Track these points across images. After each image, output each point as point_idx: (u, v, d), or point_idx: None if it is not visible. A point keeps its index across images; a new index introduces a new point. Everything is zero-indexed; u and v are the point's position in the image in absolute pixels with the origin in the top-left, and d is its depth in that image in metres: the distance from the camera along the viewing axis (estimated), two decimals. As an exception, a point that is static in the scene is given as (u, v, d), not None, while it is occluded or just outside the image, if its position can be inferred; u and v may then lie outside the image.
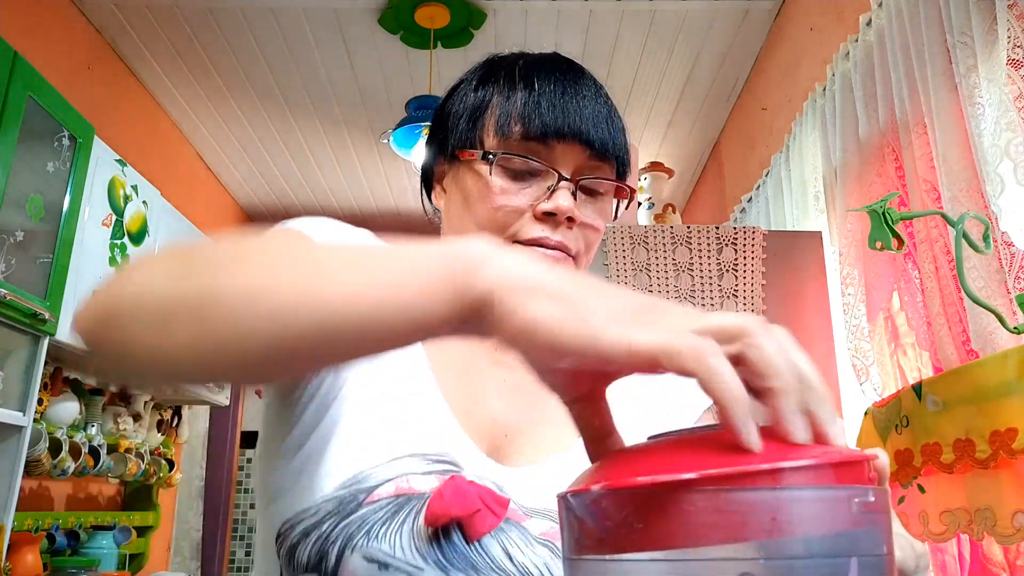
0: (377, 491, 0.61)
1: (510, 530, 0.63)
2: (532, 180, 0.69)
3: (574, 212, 0.68)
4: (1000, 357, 1.17)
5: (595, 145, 0.69)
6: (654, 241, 1.82)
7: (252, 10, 2.81)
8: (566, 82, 0.70)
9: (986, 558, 1.38)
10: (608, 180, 0.71)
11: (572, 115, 0.68)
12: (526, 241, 0.68)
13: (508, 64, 0.74)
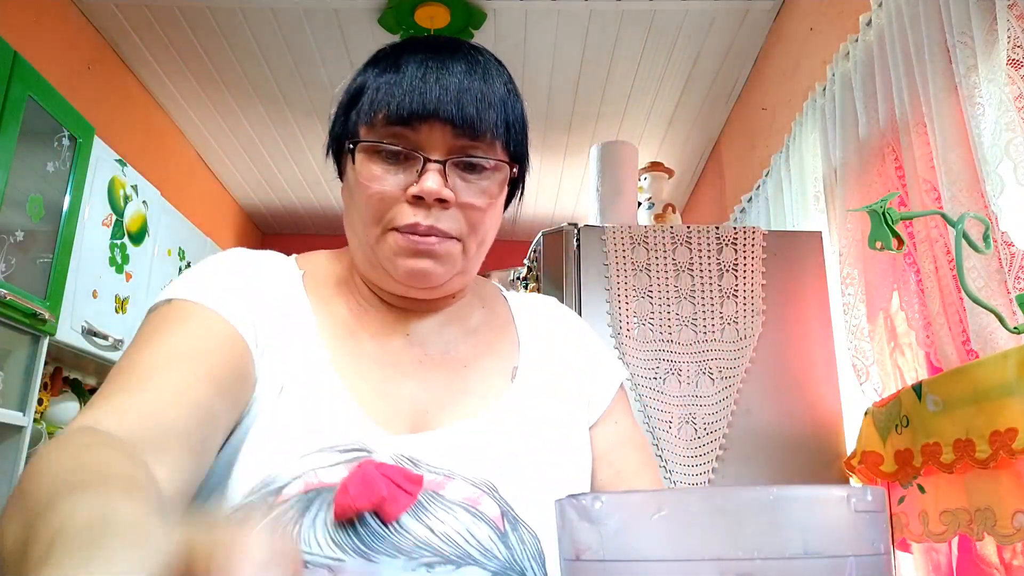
0: (285, 491, 0.60)
1: (428, 502, 0.62)
2: (402, 165, 0.67)
3: (443, 193, 0.66)
4: (1000, 357, 1.17)
5: (460, 123, 0.66)
6: (654, 241, 1.82)
7: (252, 10, 2.81)
8: (433, 62, 0.68)
9: (980, 558, 1.38)
10: (482, 158, 0.69)
11: (433, 95, 0.66)
12: (401, 228, 0.67)
13: (385, 50, 0.72)
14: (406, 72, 0.67)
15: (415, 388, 0.71)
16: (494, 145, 0.69)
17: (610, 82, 3.25)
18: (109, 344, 2.38)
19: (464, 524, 0.62)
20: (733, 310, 1.78)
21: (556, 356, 0.78)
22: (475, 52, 0.72)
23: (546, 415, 0.72)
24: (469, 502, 0.63)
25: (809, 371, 1.78)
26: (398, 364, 0.72)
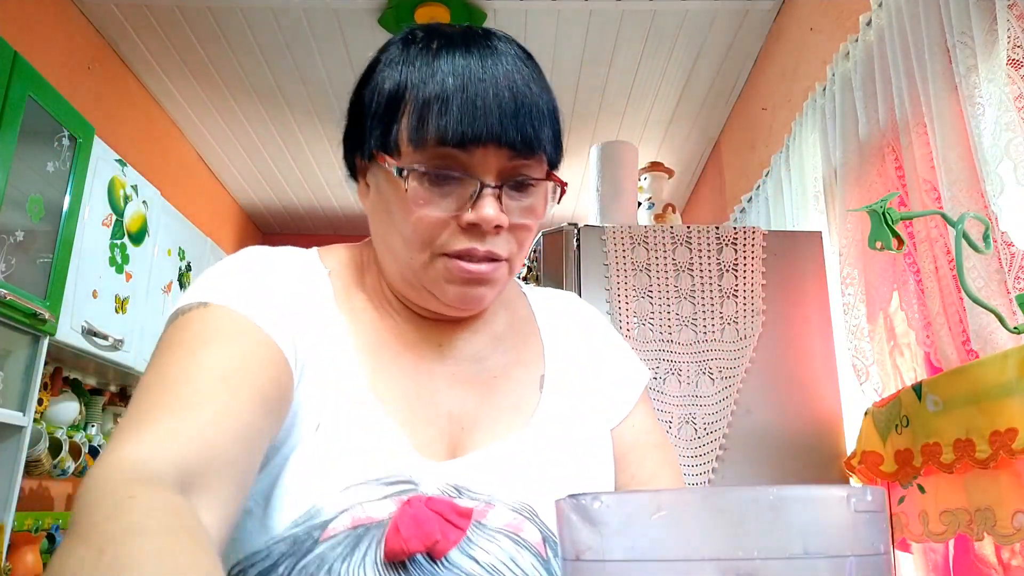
0: (332, 525, 0.58)
1: (473, 533, 0.61)
2: (453, 186, 0.63)
3: (501, 219, 0.63)
4: (1000, 357, 1.17)
5: (517, 145, 0.63)
6: (654, 241, 1.82)
7: (252, 10, 2.81)
8: (478, 70, 0.63)
9: (978, 558, 1.38)
10: (532, 178, 0.66)
11: (489, 117, 0.61)
12: (453, 254, 0.64)
13: (418, 44, 0.66)
14: (454, 85, 0.62)
15: (451, 406, 0.69)
16: (541, 161, 0.67)
17: (610, 82, 3.25)
18: (109, 344, 2.38)
19: (508, 553, 0.61)
20: (733, 310, 1.79)
21: (580, 358, 0.77)
22: (512, 49, 0.67)
23: (575, 426, 0.72)
24: (511, 529, 0.62)
25: (809, 371, 1.78)
26: (432, 379, 0.69)
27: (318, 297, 0.68)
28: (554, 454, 0.68)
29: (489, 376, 0.72)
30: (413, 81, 0.63)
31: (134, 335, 2.55)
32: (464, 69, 0.63)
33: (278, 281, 0.66)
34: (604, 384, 0.77)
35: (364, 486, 0.60)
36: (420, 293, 0.68)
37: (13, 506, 1.95)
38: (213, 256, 3.28)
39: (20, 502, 2.01)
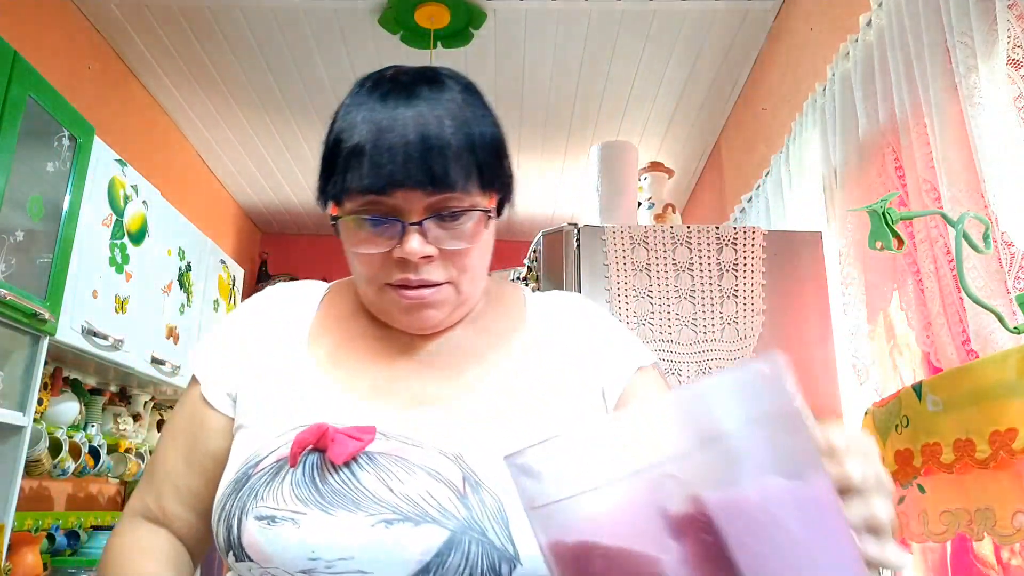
0: (262, 463, 0.68)
1: (390, 464, 0.66)
2: (385, 226, 0.71)
3: (425, 251, 0.70)
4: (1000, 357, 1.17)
5: (430, 185, 0.69)
6: (654, 241, 1.82)
7: (252, 10, 2.81)
8: (393, 121, 0.70)
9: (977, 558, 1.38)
10: (458, 209, 0.71)
11: (399, 166, 0.68)
12: (393, 285, 0.73)
13: (350, 106, 0.75)
14: (368, 136, 0.70)
15: (406, 383, 0.75)
16: (469, 190, 0.71)
17: (610, 82, 3.25)
18: (109, 344, 2.38)
19: (424, 485, 0.65)
20: (733, 310, 1.79)
21: (562, 346, 0.79)
22: (435, 91, 0.74)
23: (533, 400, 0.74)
24: (431, 466, 0.66)
25: (809, 371, 1.78)
26: (397, 364, 0.77)
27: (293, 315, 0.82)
28: (498, 415, 0.72)
29: (459, 358, 0.78)
30: (341, 136, 0.73)
31: (134, 335, 2.55)
32: (377, 120, 0.71)
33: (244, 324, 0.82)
34: (589, 370, 0.78)
35: (292, 431, 0.69)
36: (385, 316, 0.78)
37: (13, 506, 1.95)
38: (213, 256, 3.28)
39: (20, 502, 2.01)
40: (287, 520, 0.64)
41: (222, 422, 0.77)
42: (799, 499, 0.38)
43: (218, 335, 0.82)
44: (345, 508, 0.64)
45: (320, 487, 0.65)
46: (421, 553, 0.62)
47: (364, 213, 0.71)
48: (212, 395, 0.78)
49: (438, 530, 0.63)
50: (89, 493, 2.91)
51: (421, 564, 0.62)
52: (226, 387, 0.78)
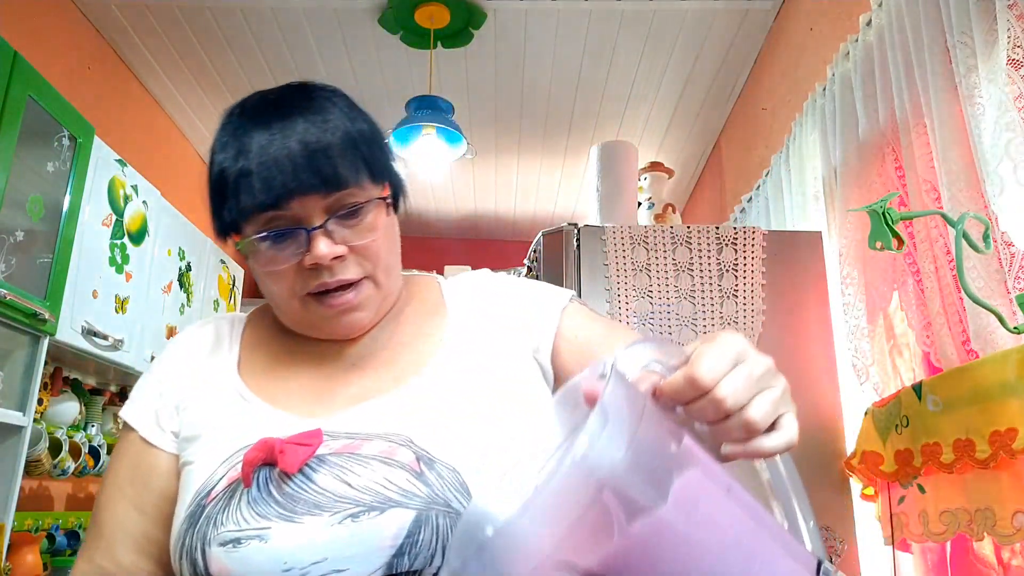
0: (214, 490, 0.68)
1: (344, 462, 0.66)
2: (289, 240, 0.72)
3: (335, 252, 0.71)
4: (1000, 357, 1.17)
5: (322, 187, 0.70)
6: (654, 241, 1.82)
7: (252, 10, 2.81)
8: (274, 136, 0.71)
9: (977, 558, 1.38)
10: (355, 205, 0.72)
11: (288, 175, 0.70)
12: (312, 293, 0.73)
13: (228, 128, 0.76)
14: (255, 158, 0.71)
15: (342, 387, 0.76)
16: (362, 184, 0.73)
17: (610, 82, 3.25)
18: (109, 344, 2.38)
19: (380, 473, 0.65)
20: (733, 310, 1.79)
21: (487, 316, 0.81)
22: (307, 99, 0.75)
23: (471, 373, 0.75)
24: (383, 455, 0.67)
25: (809, 371, 1.78)
26: (330, 374, 0.77)
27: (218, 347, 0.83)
28: (441, 397, 0.73)
29: (388, 357, 0.78)
30: (224, 165, 0.73)
31: (134, 335, 2.55)
32: (256, 139, 0.72)
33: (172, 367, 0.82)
34: (520, 328, 0.79)
35: (237, 453, 0.70)
36: (313, 331, 0.79)
37: (13, 506, 1.95)
38: (213, 256, 3.28)
39: (20, 502, 2.01)
40: (253, 538, 0.64)
41: (170, 461, 0.77)
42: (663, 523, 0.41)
43: (148, 382, 0.83)
44: (309, 512, 0.64)
45: (279, 498, 0.65)
46: (392, 537, 0.62)
47: (266, 230, 0.72)
48: (155, 437, 0.78)
49: (404, 512, 0.63)
50: (89, 493, 2.91)
51: (394, 548, 0.62)
52: (167, 426, 0.79)
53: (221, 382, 0.79)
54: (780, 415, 0.50)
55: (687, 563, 0.41)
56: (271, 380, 0.78)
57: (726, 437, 0.49)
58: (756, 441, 0.49)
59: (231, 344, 0.83)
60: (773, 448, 0.49)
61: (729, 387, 0.48)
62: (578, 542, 0.40)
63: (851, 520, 1.71)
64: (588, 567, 0.40)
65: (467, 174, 4.10)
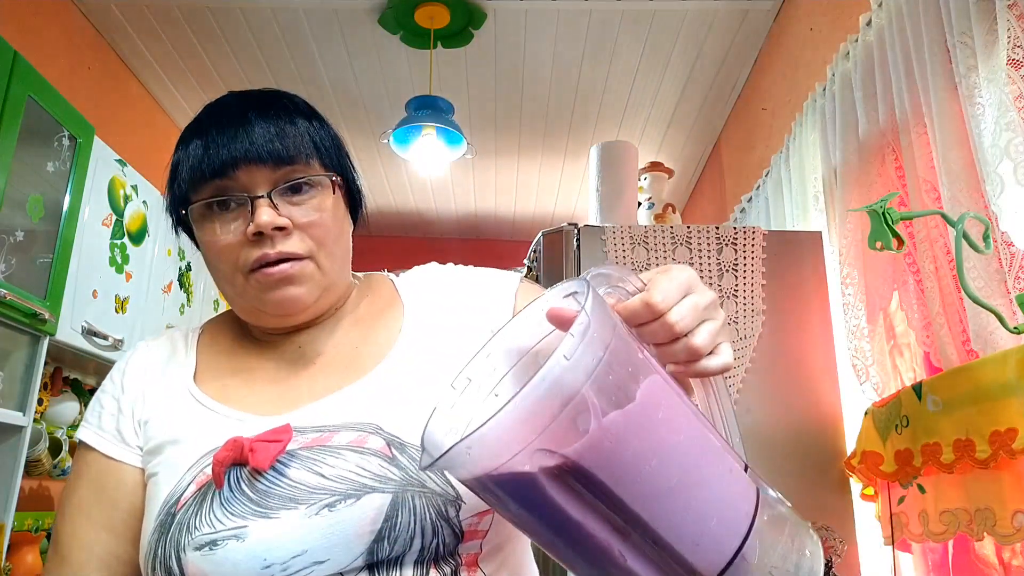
0: (183, 497, 0.68)
1: (315, 455, 0.67)
2: (235, 212, 0.73)
3: (277, 221, 0.71)
4: (1000, 357, 1.17)
5: (268, 157, 0.72)
6: (654, 241, 1.82)
7: (252, 10, 2.81)
8: (229, 116, 0.74)
9: (978, 558, 1.38)
10: (302, 179, 0.74)
11: (237, 142, 0.72)
12: (253, 264, 0.72)
13: (191, 124, 0.77)
14: (209, 132, 0.73)
15: (303, 384, 0.76)
16: (311, 164, 0.75)
17: (610, 82, 3.25)
18: (109, 344, 2.38)
19: (353, 461, 0.66)
20: (733, 310, 1.79)
21: (442, 306, 0.81)
22: (268, 96, 0.78)
23: (433, 358, 0.75)
24: (355, 444, 0.67)
25: (809, 371, 1.78)
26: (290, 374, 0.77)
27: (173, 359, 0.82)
28: (403, 384, 0.73)
29: (348, 351, 0.79)
30: (180, 144, 0.76)
31: (134, 335, 2.54)
32: (218, 118, 0.74)
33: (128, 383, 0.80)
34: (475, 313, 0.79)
35: (203, 458, 0.70)
36: (255, 314, 0.78)
37: (13, 506, 1.95)
38: (213, 256, 3.28)
39: (20, 502, 2.01)
40: (229, 538, 0.63)
41: (136, 476, 0.76)
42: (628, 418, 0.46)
43: (104, 400, 0.81)
44: (284, 507, 0.64)
45: (252, 496, 0.65)
46: (371, 522, 0.63)
47: (213, 197, 0.73)
48: (119, 453, 0.77)
49: (380, 496, 0.64)
50: (89, 493, 2.91)
51: (373, 533, 0.63)
52: (132, 441, 0.77)
53: (179, 392, 0.78)
54: (718, 343, 0.55)
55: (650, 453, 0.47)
56: (229, 385, 0.77)
57: (671, 359, 0.54)
58: (699, 363, 0.54)
59: (187, 353, 0.82)
60: (712, 369, 0.54)
61: (679, 313, 0.52)
62: (557, 432, 0.44)
63: (851, 520, 1.71)
64: (564, 454, 0.44)
65: (467, 174, 4.10)
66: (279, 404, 0.74)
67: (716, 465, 0.51)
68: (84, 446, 0.79)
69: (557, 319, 0.53)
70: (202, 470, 0.69)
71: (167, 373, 0.80)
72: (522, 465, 0.44)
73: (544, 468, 0.44)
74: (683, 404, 0.51)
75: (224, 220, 0.73)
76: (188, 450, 0.72)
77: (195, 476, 0.69)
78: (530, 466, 0.44)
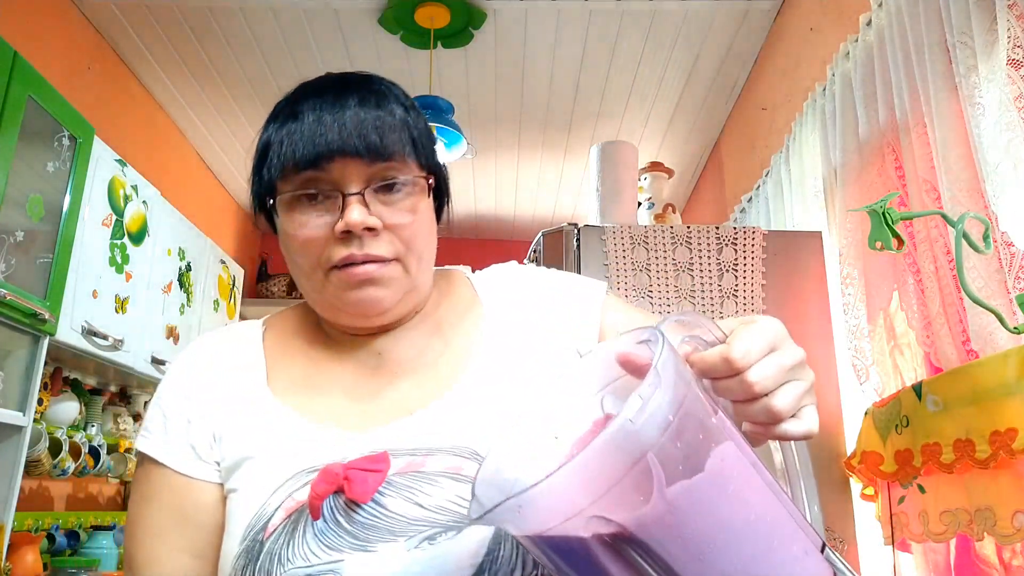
0: (270, 524, 0.64)
1: (411, 481, 0.63)
2: (325, 205, 0.69)
3: (368, 221, 0.67)
4: (1000, 357, 1.17)
5: (365, 152, 0.68)
6: (654, 241, 1.82)
7: (252, 10, 2.81)
8: (327, 102, 0.70)
9: (979, 558, 1.38)
10: (397, 179, 0.70)
11: (333, 132, 0.68)
12: (338, 263, 0.68)
13: (282, 103, 0.75)
14: (304, 119, 0.69)
15: (387, 396, 0.72)
16: (406, 163, 0.71)
17: (610, 82, 3.25)
18: (109, 344, 2.38)
19: (452, 491, 0.63)
20: (733, 310, 1.79)
21: (525, 310, 0.78)
22: (367, 82, 0.74)
23: (520, 371, 0.72)
24: (451, 470, 0.64)
25: (809, 371, 1.78)
26: (370, 382, 0.73)
27: (244, 362, 0.76)
28: (494, 401, 0.70)
29: (431, 360, 0.75)
30: (274, 127, 0.72)
31: (134, 335, 2.55)
32: (315, 103, 0.71)
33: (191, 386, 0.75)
34: (559, 322, 0.76)
35: (290, 481, 0.65)
36: (334, 313, 0.74)
37: (13, 506, 1.95)
38: (213, 256, 3.28)
39: (20, 502, 2.01)
40: (326, 573, 0.60)
41: (215, 493, 0.71)
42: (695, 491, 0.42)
43: (168, 408, 0.74)
44: (382, 540, 0.61)
45: (349, 528, 0.62)
46: (471, 556, 0.60)
47: (303, 190, 0.69)
48: (197, 470, 0.71)
49: (482, 528, 0.61)
50: (89, 493, 2.91)
51: (474, 567, 0.60)
52: (208, 457, 0.71)
53: (253, 401, 0.72)
54: (803, 406, 0.51)
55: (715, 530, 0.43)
56: (306, 393, 0.72)
57: (748, 418, 0.50)
58: (778, 426, 0.50)
59: (254, 357, 0.76)
60: (793, 435, 0.50)
61: (760, 372, 0.48)
62: (615, 499, 0.40)
63: (851, 520, 1.71)
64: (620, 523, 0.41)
65: (467, 174, 4.10)
66: (363, 419, 0.70)
67: (788, 547, 0.47)
68: (151, 461, 0.72)
69: (629, 365, 0.50)
70: (290, 495, 0.64)
71: (236, 379, 0.74)
72: (576, 530, 0.41)
73: (599, 535, 0.41)
74: (757, 476, 0.47)
75: (310, 212, 0.69)
76: (270, 468, 0.67)
77: (283, 500, 0.65)
78: (584, 531, 0.41)
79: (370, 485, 0.62)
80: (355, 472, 0.62)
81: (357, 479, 0.62)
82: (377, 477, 0.62)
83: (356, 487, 0.61)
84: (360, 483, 0.61)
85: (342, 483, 0.61)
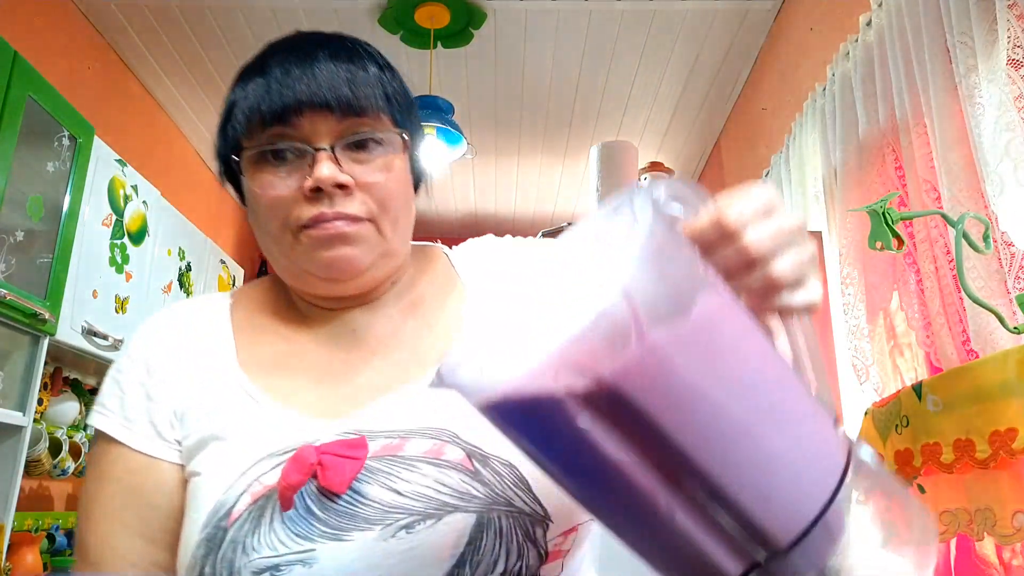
0: (235, 509, 0.59)
1: (388, 467, 0.59)
2: (293, 163, 0.65)
3: (339, 178, 0.63)
4: (1000, 357, 1.17)
5: (336, 105, 0.64)
6: (654, 241, 1.82)
7: (252, 10, 2.81)
8: (296, 56, 0.66)
9: (979, 558, 1.38)
10: (370, 134, 0.66)
11: (302, 85, 0.64)
12: (307, 222, 0.64)
13: (249, 61, 0.70)
14: (272, 73, 0.65)
15: (362, 375, 0.68)
16: (380, 119, 0.67)
17: (610, 82, 3.25)
18: (109, 344, 2.38)
19: (431, 476, 0.59)
20: (733, 310, 1.78)
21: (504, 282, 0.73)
22: (339, 39, 0.70)
23: None
24: (431, 455, 0.60)
25: (809, 371, 1.78)
26: (345, 360, 0.69)
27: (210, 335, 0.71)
28: None
29: (409, 337, 0.71)
30: (240, 83, 0.67)
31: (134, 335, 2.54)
32: (283, 57, 0.66)
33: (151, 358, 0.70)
34: None
35: (257, 465, 0.61)
36: (303, 278, 0.69)
37: (13, 506, 1.95)
38: (213, 256, 3.28)
39: (20, 502, 2.01)
40: (295, 564, 0.56)
41: (175, 475, 0.66)
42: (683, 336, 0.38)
43: (127, 381, 0.69)
44: (357, 528, 0.57)
45: (322, 516, 0.58)
46: (452, 547, 0.57)
47: (268, 146, 0.65)
48: (156, 448, 0.66)
49: (463, 516, 0.57)
50: (89, 493, 2.91)
51: (455, 557, 0.57)
52: (169, 435, 0.67)
53: (219, 377, 0.68)
54: (804, 275, 0.44)
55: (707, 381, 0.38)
56: (278, 372, 0.68)
57: (745, 290, 0.43)
58: (779, 296, 0.43)
59: (222, 331, 0.71)
60: (795, 305, 0.44)
61: (756, 235, 0.42)
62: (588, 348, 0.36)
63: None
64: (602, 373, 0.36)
65: (467, 174, 4.10)
66: (337, 400, 0.65)
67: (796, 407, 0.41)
68: (106, 438, 0.67)
69: None
70: (257, 479, 0.60)
71: (201, 352, 0.70)
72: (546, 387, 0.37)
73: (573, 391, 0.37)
74: (755, 331, 0.41)
75: (278, 171, 0.65)
76: (236, 450, 0.63)
77: (248, 485, 0.60)
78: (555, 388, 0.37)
79: (347, 474, 0.58)
80: (330, 458, 0.58)
81: (332, 466, 0.58)
82: (355, 465, 0.59)
83: (331, 475, 0.58)
84: (336, 470, 0.58)
85: (315, 469, 0.58)
